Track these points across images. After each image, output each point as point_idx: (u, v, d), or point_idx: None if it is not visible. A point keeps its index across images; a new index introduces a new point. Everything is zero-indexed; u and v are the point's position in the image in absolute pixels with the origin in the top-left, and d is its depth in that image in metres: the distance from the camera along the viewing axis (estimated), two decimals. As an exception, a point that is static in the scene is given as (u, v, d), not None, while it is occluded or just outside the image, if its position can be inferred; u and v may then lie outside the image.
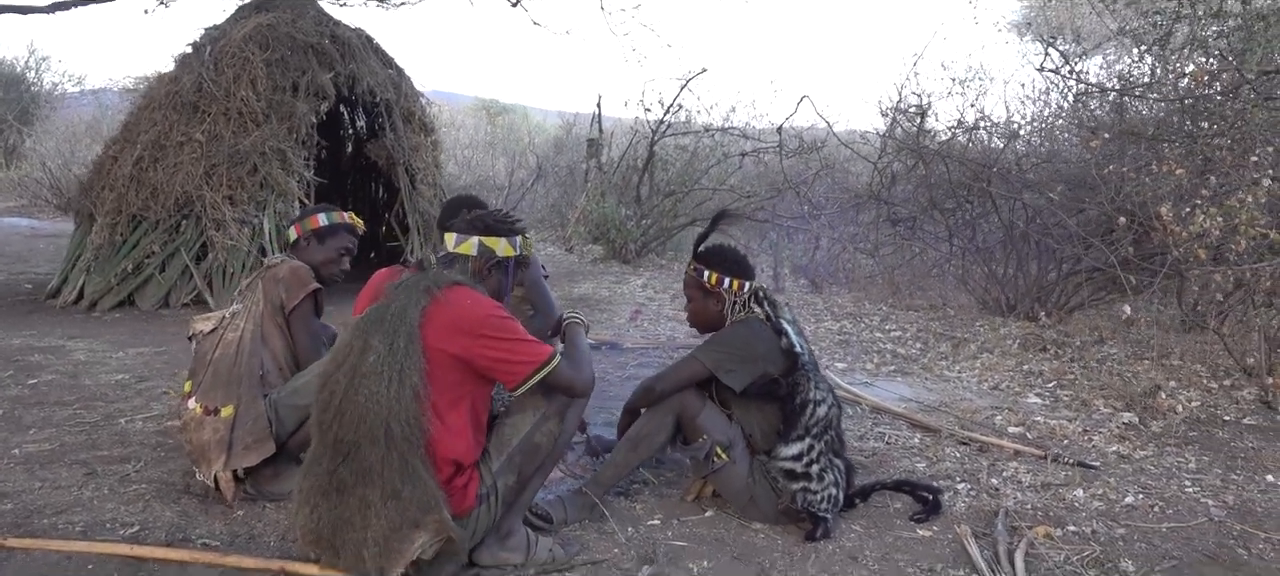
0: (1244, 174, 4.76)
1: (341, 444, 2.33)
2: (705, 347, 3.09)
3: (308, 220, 3.37)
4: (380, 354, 2.31)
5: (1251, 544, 3.03)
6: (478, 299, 2.45)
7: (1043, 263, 7.15)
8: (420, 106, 8.63)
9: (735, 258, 3.15)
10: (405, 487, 2.30)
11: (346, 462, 2.33)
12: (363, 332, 2.37)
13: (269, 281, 3.17)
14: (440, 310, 2.39)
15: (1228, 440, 4.14)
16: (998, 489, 3.46)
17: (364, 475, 2.31)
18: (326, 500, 2.35)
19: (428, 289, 2.41)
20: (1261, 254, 4.81)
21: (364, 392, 2.30)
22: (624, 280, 8.93)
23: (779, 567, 2.76)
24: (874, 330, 6.70)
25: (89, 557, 2.58)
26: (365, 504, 2.32)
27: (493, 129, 21.01)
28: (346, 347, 2.37)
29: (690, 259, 3.19)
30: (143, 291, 6.76)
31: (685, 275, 3.21)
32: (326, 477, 2.35)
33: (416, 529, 2.32)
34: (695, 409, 3.08)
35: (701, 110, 11.50)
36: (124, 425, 3.82)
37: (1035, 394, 4.89)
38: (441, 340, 2.36)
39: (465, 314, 2.39)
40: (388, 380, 2.29)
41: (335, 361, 2.38)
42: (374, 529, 2.31)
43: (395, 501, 2.30)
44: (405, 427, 2.29)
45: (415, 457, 2.31)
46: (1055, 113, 7.96)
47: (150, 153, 7.03)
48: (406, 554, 2.33)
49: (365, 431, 2.29)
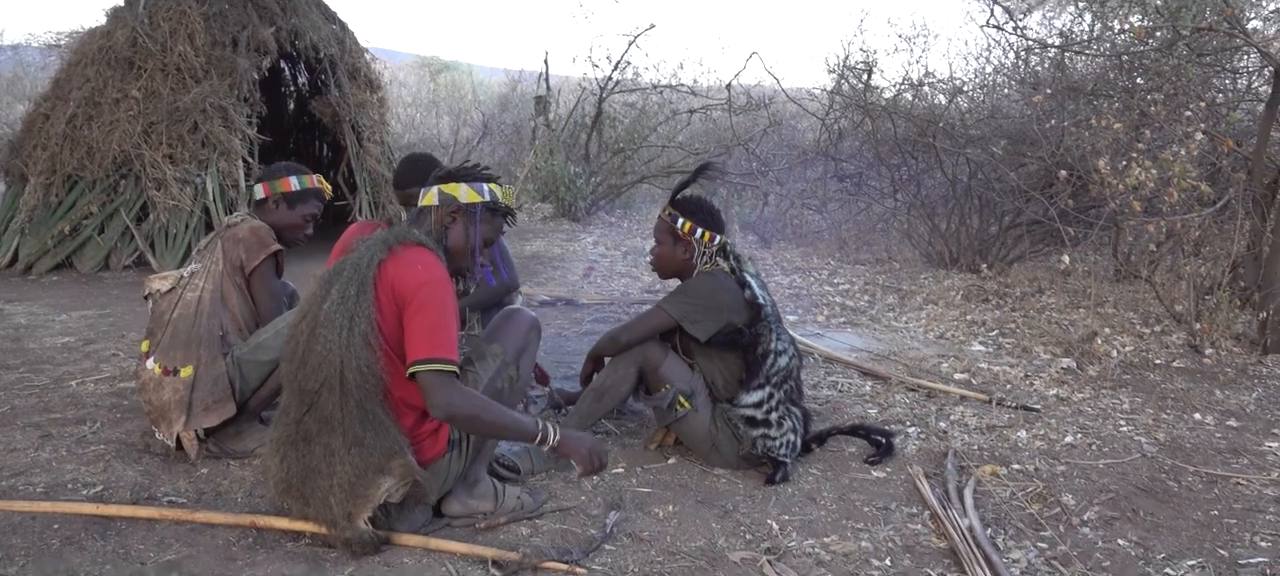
0: (1177, 128, 4.95)
1: (305, 393, 2.35)
2: (671, 299, 3.14)
3: (278, 181, 3.28)
4: (334, 302, 2.34)
5: (1181, 477, 3.21)
6: (429, 265, 2.42)
7: (984, 217, 7.35)
8: (365, 62, 8.48)
9: (710, 210, 3.20)
10: (367, 434, 2.33)
11: (311, 412, 2.35)
12: (325, 284, 2.39)
13: (229, 241, 3.12)
14: (393, 263, 2.40)
15: (1158, 382, 4.35)
16: (946, 432, 3.60)
17: (326, 423, 2.33)
18: (295, 449, 2.37)
19: (386, 243, 2.43)
20: (1191, 205, 5.03)
21: (321, 341, 2.32)
22: (575, 238, 8.94)
23: (742, 510, 2.85)
24: (823, 283, 6.84)
25: (54, 517, 2.56)
26: (329, 451, 2.34)
27: (435, 87, 20.64)
28: (311, 299, 2.39)
29: (666, 204, 3.22)
30: (81, 254, 6.57)
31: (658, 219, 3.23)
32: (294, 427, 2.37)
33: (381, 474, 2.35)
34: (658, 359, 3.13)
35: (649, 67, 11.49)
36: (75, 387, 3.75)
37: (979, 342, 5.06)
38: (388, 293, 2.38)
39: (412, 273, 2.38)
40: (339, 327, 2.31)
41: (301, 312, 2.40)
42: (339, 476, 2.33)
43: (358, 448, 2.33)
44: (358, 375, 2.31)
45: (374, 404, 2.34)
46: (997, 69, 8.14)
47: (84, 110, 6.80)
48: (372, 498, 2.36)
49: (323, 379, 2.32)
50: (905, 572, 2.49)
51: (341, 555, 2.42)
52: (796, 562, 2.53)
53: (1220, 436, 3.64)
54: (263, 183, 3.29)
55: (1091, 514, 2.88)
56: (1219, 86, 6.18)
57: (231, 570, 2.35)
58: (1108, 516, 2.87)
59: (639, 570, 2.44)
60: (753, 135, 10.16)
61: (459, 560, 2.44)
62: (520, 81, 15.52)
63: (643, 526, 2.70)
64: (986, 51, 8.36)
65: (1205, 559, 2.59)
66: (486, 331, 2.88)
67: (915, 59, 13.27)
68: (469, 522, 2.65)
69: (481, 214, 2.64)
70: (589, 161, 10.81)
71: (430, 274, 2.40)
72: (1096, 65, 6.33)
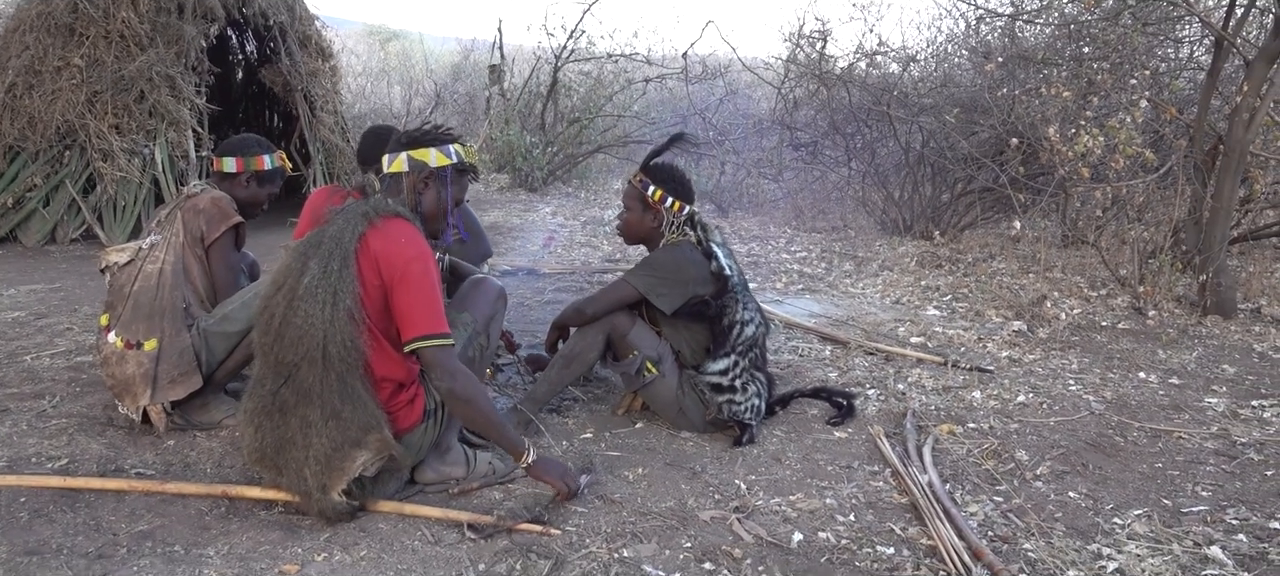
0: (1123, 96, 5.10)
1: (283, 365, 2.34)
2: (636, 271, 3.16)
3: (253, 159, 3.23)
4: (315, 276, 2.32)
5: (1127, 432, 3.35)
6: (413, 238, 2.43)
7: (937, 184, 7.50)
8: (316, 30, 8.32)
9: (682, 179, 3.20)
10: (345, 407, 2.34)
11: (288, 384, 2.35)
12: (302, 255, 2.37)
13: (189, 211, 3.07)
14: (376, 237, 2.39)
15: (1105, 343, 4.51)
16: (904, 393, 3.71)
17: (304, 395, 2.33)
18: (270, 420, 2.37)
19: (366, 215, 2.41)
20: (1135, 172, 5.19)
21: (301, 314, 2.31)
22: (532, 208, 8.92)
23: (710, 471, 2.91)
24: (780, 251, 6.93)
25: (20, 491, 2.53)
26: (306, 423, 2.34)
27: (385, 55, 20.28)
28: (286, 270, 2.37)
29: (637, 170, 3.21)
30: (25, 227, 6.40)
31: (628, 185, 3.23)
32: (269, 398, 2.37)
33: (357, 448, 2.36)
34: (625, 327, 3.16)
35: (604, 36, 11.44)
36: (31, 362, 3.68)
37: (933, 307, 5.19)
38: (372, 267, 2.38)
39: (397, 249, 2.38)
40: (322, 302, 2.31)
41: (275, 284, 2.38)
42: (315, 448, 2.34)
43: (335, 421, 2.34)
44: (341, 349, 2.31)
45: (354, 378, 2.35)
46: (949, 38, 8.26)
47: (24, 79, 6.59)
48: (348, 471, 2.37)
49: (303, 352, 2.31)
50: (869, 527, 2.57)
51: (316, 522, 2.44)
52: (764, 520, 2.60)
53: (1163, 393, 3.80)
54: (237, 157, 3.21)
55: (1044, 468, 2.99)
56: (1162, 55, 6.36)
57: (205, 538, 2.36)
58: (1059, 470, 2.99)
59: (612, 531, 2.49)
60: (709, 104, 10.20)
61: (434, 524, 2.47)
62: (473, 50, 15.33)
63: (614, 488, 2.75)
64: (938, 21, 8.48)
65: (1151, 508, 2.72)
66: (454, 300, 2.89)
67: (869, 28, 13.37)
68: (442, 488, 2.68)
69: (451, 175, 2.64)
70: (545, 131, 10.76)
71: (416, 248, 2.40)
72: (1046, 34, 6.47)
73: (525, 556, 2.33)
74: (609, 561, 2.33)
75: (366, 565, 2.27)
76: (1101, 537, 2.53)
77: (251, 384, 2.44)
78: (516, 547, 2.37)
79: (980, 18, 7.21)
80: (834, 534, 2.53)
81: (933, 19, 10.39)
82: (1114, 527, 2.59)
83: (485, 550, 2.35)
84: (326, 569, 2.24)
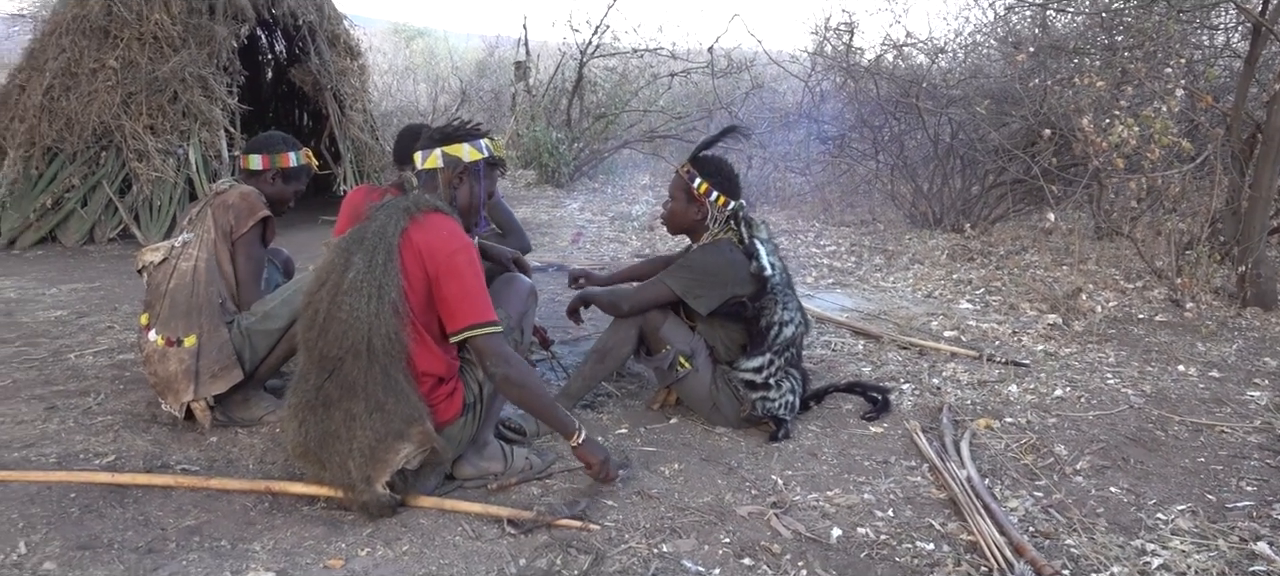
0: (1157, 85, 5.03)
1: (327, 360, 2.38)
2: (673, 272, 3.15)
3: (278, 155, 3.26)
4: (360, 270, 2.36)
5: (1168, 426, 3.32)
6: (455, 231, 2.48)
7: (966, 177, 7.43)
8: (344, 29, 8.38)
9: (729, 174, 3.17)
10: (388, 400, 2.37)
11: (332, 378, 2.38)
12: (345, 251, 2.40)
13: (219, 208, 3.12)
14: (418, 231, 2.43)
15: (1142, 336, 4.46)
16: (939, 388, 3.69)
17: (349, 389, 2.37)
18: (314, 414, 2.40)
19: (407, 210, 2.45)
20: (1171, 162, 5.12)
21: (345, 308, 2.35)
22: (560, 204, 8.94)
23: (746, 466, 2.91)
24: (809, 245, 6.90)
25: (71, 486, 2.58)
26: (350, 417, 2.37)
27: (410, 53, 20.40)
28: (330, 266, 2.41)
29: (686, 161, 3.19)
30: (64, 227, 6.50)
31: (675, 176, 3.21)
32: (314, 393, 2.40)
33: (401, 440, 2.39)
34: (658, 322, 3.16)
35: (630, 30, 11.43)
36: (75, 360, 3.74)
37: (966, 300, 5.15)
38: (416, 261, 2.42)
39: (441, 242, 2.43)
40: (367, 296, 2.34)
41: (319, 280, 2.41)
42: (359, 440, 2.37)
43: (380, 414, 2.37)
44: (385, 342, 2.35)
45: (397, 371, 2.38)
46: (978, 28, 8.18)
47: (61, 81, 6.68)
48: (391, 463, 2.40)
49: (348, 346, 2.35)
50: (908, 522, 2.56)
51: (359, 517, 2.47)
52: (802, 515, 2.60)
53: (1203, 387, 3.75)
54: (263, 155, 3.25)
55: (1084, 463, 2.97)
56: (1197, 43, 6.26)
57: (251, 534, 2.39)
58: (1099, 465, 2.96)
59: (650, 526, 2.50)
60: (734, 98, 10.16)
61: (474, 520, 2.49)
62: (497, 47, 15.39)
63: (650, 484, 2.76)
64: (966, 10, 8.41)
65: (1194, 503, 2.69)
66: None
67: (896, 19, 13.24)
68: (481, 484, 2.70)
69: (483, 169, 2.68)
70: (571, 127, 10.77)
71: (459, 240, 2.45)
72: (1078, 23, 6.39)
73: (565, 551, 2.34)
74: (648, 556, 2.34)
75: (409, 559, 2.29)
76: (1145, 533, 2.51)
77: (295, 379, 2.47)
78: (556, 542, 2.38)
79: (1010, 7, 7.15)
80: (873, 529, 2.52)
81: (961, 9, 10.29)
82: (1157, 523, 2.57)
83: (525, 545, 2.37)
84: (370, 563, 2.27)
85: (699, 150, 3.20)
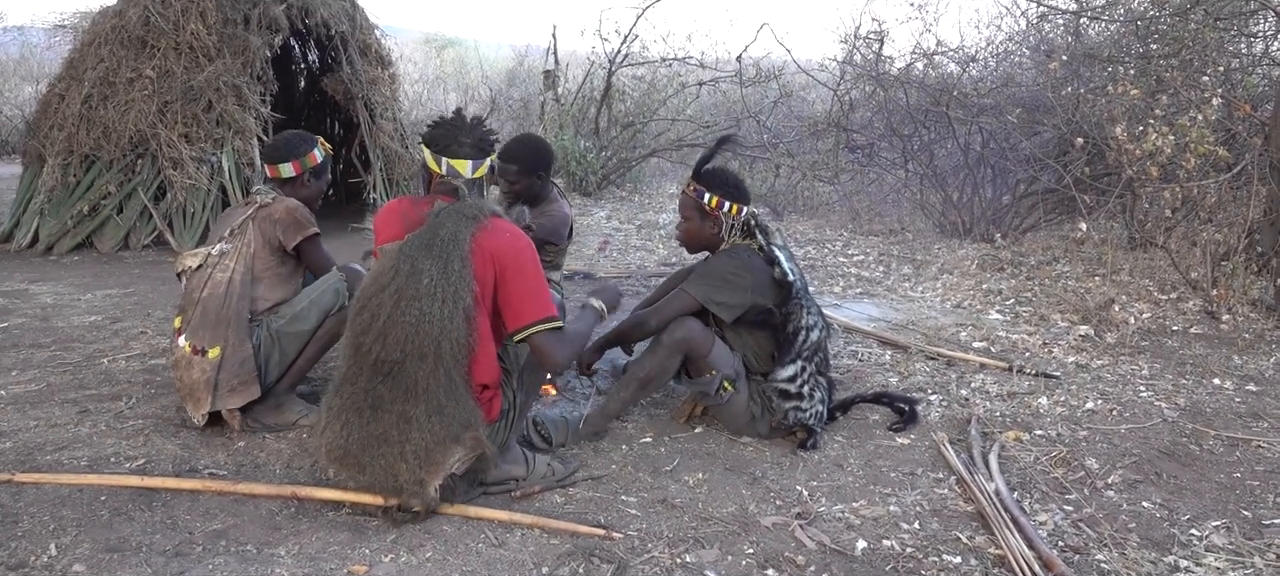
0: (1194, 93, 4.95)
1: (383, 363, 2.39)
2: (694, 281, 3.13)
3: (306, 156, 3.27)
4: (434, 277, 2.38)
5: (1202, 441, 3.25)
6: (517, 232, 2.55)
7: (997, 186, 7.35)
8: (376, 39, 8.46)
9: (735, 182, 3.17)
10: (449, 404, 2.40)
11: (387, 380, 2.40)
12: (410, 258, 2.41)
13: (263, 221, 3.13)
14: (486, 238, 2.47)
15: (1176, 348, 4.38)
16: (967, 399, 3.64)
17: (408, 391, 2.38)
18: (360, 417, 2.42)
19: (474, 218, 2.48)
20: (1207, 171, 5.03)
21: (414, 313, 2.36)
22: (587, 212, 8.96)
23: (771, 477, 2.90)
24: (837, 255, 6.86)
25: (101, 489, 2.62)
26: (405, 419, 2.39)
27: (440, 63, 20.57)
28: (391, 271, 2.41)
29: (690, 179, 3.18)
30: (100, 233, 6.61)
31: (682, 195, 3.21)
32: (362, 395, 2.41)
33: (455, 443, 2.42)
34: (705, 348, 3.06)
35: (658, 39, 11.43)
36: (108, 364, 3.80)
37: (996, 311, 5.09)
38: (486, 265, 2.46)
39: (507, 244, 2.49)
40: (442, 301, 2.37)
41: (379, 284, 2.42)
42: (413, 442, 2.39)
43: (439, 416, 2.39)
44: (455, 347, 2.38)
45: (459, 376, 2.42)
46: (1010, 36, 8.11)
47: (99, 90, 6.81)
48: (445, 466, 2.43)
49: (413, 349, 2.36)
50: (934, 535, 2.53)
51: (383, 523, 2.48)
52: (827, 526, 2.58)
53: (1239, 400, 3.67)
54: (293, 161, 3.24)
55: (1115, 477, 2.92)
56: (1235, 51, 6.16)
57: (276, 539, 2.41)
58: (1131, 480, 2.91)
59: (674, 536, 2.49)
60: (763, 107, 10.13)
61: (497, 527, 2.50)
62: (526, 56, 15.47)
63: (675, 493, 2.75)
64: (999, 19, 8.33)
65: (1229, 519, 2.64)
66: None
67: (927, 27, 13.17)
68: (504, 490, 2.70)
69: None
70: (599, 135, 10.79)
71: (523, 240, 2.53)
72: (1112, 31, 6.31)
73: (588, 560, 2.34)
74: (671, 566, 2.33)
75: (432, 566, 2.30)
76: (1178, 549, 2.46)
77: (338, 381, 2.48)
78: (579, 551, 2.38)
79: (1043, 15, 7.07)
80: (898, 542, 2.49)
81: (993, 17, 10.21)
82: (1191, 539, 2.52)
83: (548, 553, 2.37)
84: (393, 569, 2.28)
85: (700, 166, 3.18)
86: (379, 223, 2.66)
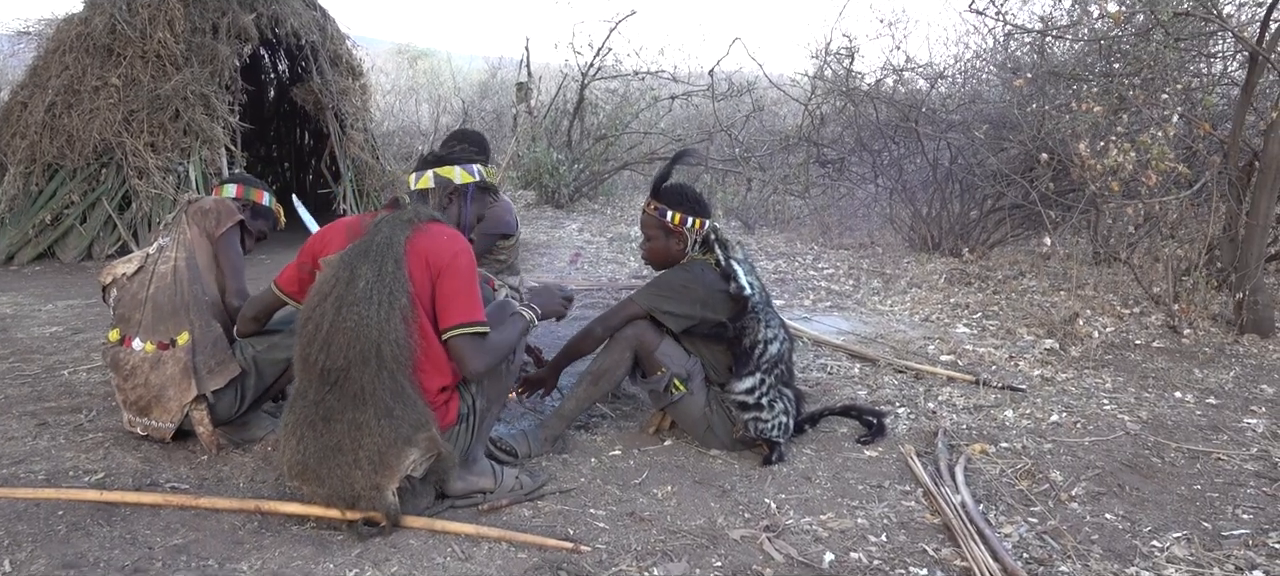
0: (1155, 112, 5.04)
1: (329, 372, 2.38)
2: (643, 291, 3.17)
3: (252, 190, 3.39)
4: (369, 280, 2.38)
5: (1164, 453, 3.30)
6: (455, 235, 2.57)
7: (965, 201, 7.44)
8: (347, 49, 8.42)
9: (695, 196, 3.19)
10: (397, 406, 2.39)
11: (334, 389, 2.39)
12: (349, 265, 2.42)
13: (195, 213, 3.17)
14: (421, 239, 2.49)
15: (1139, 362, 4.45)
16: (935, 412, 3.67)
17: (355, 398, 2.38)
18: (313, 430, 2.40)
19: (410, 221, 2.51)
20: (1168, 188, 5.12)
21: (353, 318, 2.36)
22: (559, 224, 8.95)
23: (739, 489, 2.90)
24: (808, 268, 6.90)
25: (58, 504, 2.56)
26: (356, 426, 2.38)
27: (413, 73, 20.50)
28: (332, 280, 2.41)
29: (649, 198, 3.20)
30: (63, 243, 6.52)
31: (644, 214, 3.22)
32: (313, 408, 2.40)
33: (408, 445, 2.41)
34: (653, 343, 3.15)
35: (631, 53, 11.47)
36: (68, 376, 3.74)
37: (963, 324, 5.14)
38: (419, 268, 2.46)
39: (442, 245, 2.50)
40: (377, 304, 2.37)
41: (320, 294, 2.41)
42: (367, 447, 2.38)
43: (388, 420, 2.38)
44: (394, 348, 2.37)
45: (405, 378, 2.40)
46: (977, 54, 8.22)
47: (63, 98, 6.72)
48: (399, 470, 2.41)
49: (356, 354, 2.35)
50: (901, 547, 2.55)
51: (348, 537, 2.45)
52: (795, 539, 2.58)
53: (1201, 414, 3.73)
54: (237, 185, 3.36)
55: (1079, 489, 2.95)
56: (1195, 71, 6.28)
57: (238, 553, 2.38)
58: (1095, 492, 2.94)
59: (642, 548, 2.48)
60: (735, 121, 10.19)
61: (463, 541, 2.48)
62: (500, 68, 15.45)
63: (644, 506, 2.74)
64: (966, 37, 8.45)
65: (1190, 531, 2.67)
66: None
67: (897, 44, 13.29)
68: (471, 503, 2.68)
69: (473, 193, 2.75)
70: (571, 148, 10.80)
71: (460, 243, 2.54)
72: (1076, 50, 6.41)
73: (555, 574, 2.33)
74: (639, 580, 2.32)
75: (398, 581, 2.27)
76: (1140, 560, 2.49)
77: (292, 398, 2.46)
78: (547, 565, 2.37)
79: (1009, 34, 7.17)
80: (866, 554, 2.50)
81: (961, 35, 10.37)
82: (1153, 550, 2.55)
83: (515, 567, 2.35)
84: (358, 584, 2.25)
85: (658, 184, 3.20)
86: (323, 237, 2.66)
